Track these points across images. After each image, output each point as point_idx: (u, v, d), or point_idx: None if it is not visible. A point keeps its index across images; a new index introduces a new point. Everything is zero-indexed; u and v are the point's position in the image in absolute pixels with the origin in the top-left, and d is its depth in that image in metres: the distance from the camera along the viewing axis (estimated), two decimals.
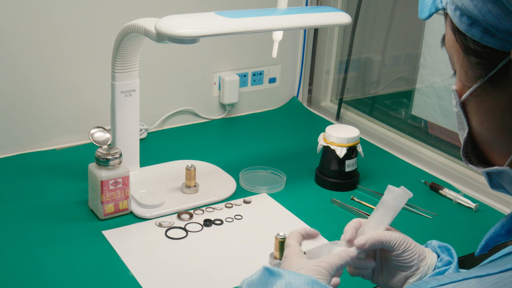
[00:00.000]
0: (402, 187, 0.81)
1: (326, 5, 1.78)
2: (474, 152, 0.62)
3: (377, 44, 1.84)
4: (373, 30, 1.82)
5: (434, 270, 0.81)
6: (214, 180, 1.35)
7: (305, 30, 1.82)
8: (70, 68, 1.46)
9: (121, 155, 1.17)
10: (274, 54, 1.32)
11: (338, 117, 1.82)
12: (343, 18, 1.19)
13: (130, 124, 1.26)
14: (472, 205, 1.31)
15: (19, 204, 1.23)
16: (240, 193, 1.32)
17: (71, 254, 1.08)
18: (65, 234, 1.14)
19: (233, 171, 1.39)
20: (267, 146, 1.58)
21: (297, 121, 1.78)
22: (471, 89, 0.57)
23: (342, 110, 1.82)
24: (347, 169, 1.35)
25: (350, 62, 1.80)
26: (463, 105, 0.59)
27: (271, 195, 1.31)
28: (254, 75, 1.78)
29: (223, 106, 1.75)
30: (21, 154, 1.45)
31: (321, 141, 1.37)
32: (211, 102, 1.73)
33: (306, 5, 1.77)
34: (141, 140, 1.47)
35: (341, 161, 1.34)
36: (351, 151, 1.34)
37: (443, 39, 0.61)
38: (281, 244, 1.04)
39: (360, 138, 1.38)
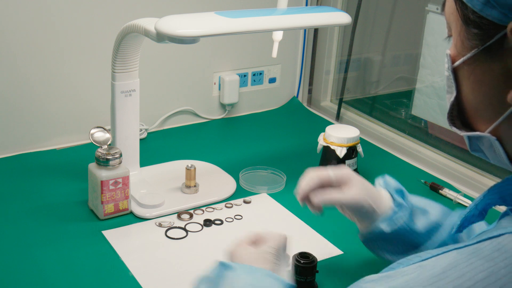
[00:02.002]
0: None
1: (326, 5, 1.78)
2: (459, 117, 0.65)
3: (377, 44, 1.84)
4: (373, 30, 1.82)
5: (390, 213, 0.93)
6: (214, 180, 1.35)
7: (305, 30, 1.82)
8: (70, 68, 1.47)
9: (121, 155, 1.17)
10: (274, 54, 1.32)
11: (338, 117, 1.82)
12: (343, 18, 1.19)
13: (130, 124, 1.26)
14: None
15: (19, 204, 1.23)
16: (240, 193, 1.32)
17: (71, 254, 1.08)
18: (65, 234, 1.14)
19: (233, 171, 1.39)
20: (267, 146, 1.58)
21: (297, 121, 1.78)
22: (464, 57, 0.59)
23: (342, 110, 1.82)
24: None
25: (350, 62, 1.81)
26: (455, 71, 0.62)
27: (271, 195, 1.31)
28: (254, 75, 1.78)
29: (223, 106, 1.75)
30: (21, 154, 1.45)
31: (321, 141, 1.37)
32: (211, 102, 1.73)
33: (306, 5, 1.77)
34: (141, 140, 1.47)
35: (341, 161, 1.34)
36: (351, 151, 1.34)
37: (444, 4, 0.63)
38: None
39: (360, 138, 1.38)
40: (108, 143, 1.18)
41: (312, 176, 0.95)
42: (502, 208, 0.64)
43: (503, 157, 0.61)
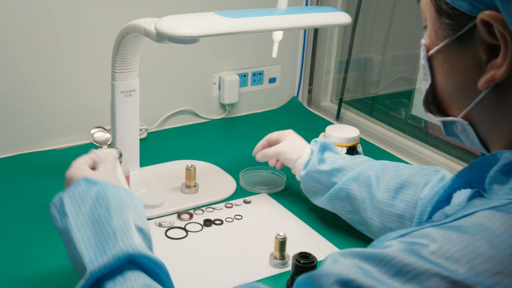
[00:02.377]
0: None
1: (326, 5, 1.78)
2: (434, 103, 0.68)
3: (377, 44, 1.84)
4: (373, 30, 1.82)
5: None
6: (214, 180, 1.35)
7: (305, 30, 1.82)
8: (70, 68, 1.47)
9: (121, 155, 1.16)
10: (274, 54, 1.32)
11: (338, 117, 1.82)
12: (343, 18, 1.19)
13: (130, 124, 1.26)
14: None
15: (19, 204, 1.23)
16: (240, 193, 1.32)
17: None
18: None
19: (233, 171, 1.39)
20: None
21: (297, 121, 1.78)
22: (438, 46, 0.63)
23: (342, 110, 1.82)
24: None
25: (350, 62, 1.81)
26: (430, 59, 0.65)
27: (271, 195, 1.31)
28: (254, 75, 1.78)
29: (223, 106, 1.75)
30: (21, 154, 1.45)
31: None
32: (211, 102, 1.73)
33: (306, 5, 1.77)
34: (141, 140, 1.47)
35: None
36: (351, 151, 1.34)
37: None
38: (281, 244, 1.04)
39: (360, 138, 1.38)
40: (108, 143, 1.17)
41: (262, 140, 1.28)
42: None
43: (475, 140, 0.64)
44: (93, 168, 0.90)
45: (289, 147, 1.21)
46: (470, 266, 0.49)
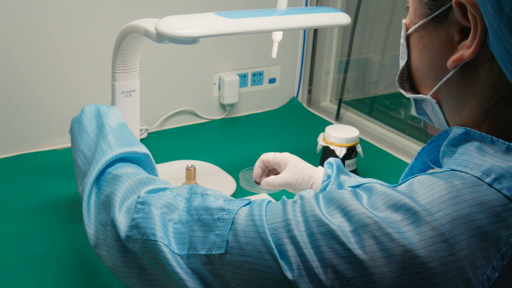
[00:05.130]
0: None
1: (325, 6, 1.79)
2: (408, 80, 0.72)
3: (376, 45, 1.84)
4: (373, 31, 1.83)
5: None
6: (214, 180, 1.35)
7: (304, 31, 1.82)
8: (70, 68, 1.47)
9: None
10: (274, 54, 1.32)
11: (337, 117, 1.82)
12: (343, 18, 1.20)
13: (130, 124, 1.26)
14: None
15: (19, 204, 1.23)
16: (240, 193, 1.32)
17: (71, 254, 1.08)
18: (66, 234, 1.14)
19: (233, 171, 1.39)
20: (267, 146, 1.58)
21: (297, 121, 1.79)
22: (416, 25, 0.66)
23: (341, 110, 1.82)
24: (346, 169, 1.35)
25: (350, 63, 1.81)
26: (408, 38, 0.69)
27: (271, 195, 1.31)
28: (254, 75, 1.78)
29: (223, 106, 1.75)
30: (21, 154, 1.45)
31: (321, 141, 1.37)
32: (211, 102, 1.73)
33: (306, 5, 1.77)
34: (141, 140, 1.48)
35: (341, 161, 1.34)
36: (351, 151, 1.35)
37: None
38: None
39: (360, 138, 1.39)
40: None
41: (258, 162, 1.13)
42: None
43: (442, 119, 0.68)
44: None
45: (297, 177, 1.09)
46: (389, 212, 0.56)
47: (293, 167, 1.09)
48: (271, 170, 1.14)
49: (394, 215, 0.55)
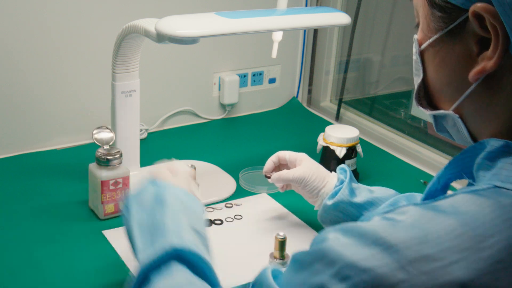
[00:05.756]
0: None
1: (325, 6, 1.79)
2: (425, 97, 0.69)
3: (376, 45, 1.84)
4: (373, 31, 1.83)
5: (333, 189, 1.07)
6: (214, 180, 1.35)
7: (304, 31, 1.82)
8: (70, 68, 1.47)
9: (121, 155, 1.17)
10: (274, 54, 1.32)
11: (337, 117, 1.82)
12: (343, 18, 1.20)
13: (130, 124, 1.26)
14: None
15: (19, 204, 1.23)
16: (240, 193, 1.32)
17: (71, 254, 1.08)
18: (66, 234, 1.14)
19: (233, 171, 1.39)
20: (267, 146, 1.58)
21: (297, 121, 1.79)
22: (430, 40, 0.64)
23: (341, 110, 1.82)
24: None
25: (350, 63, 1.81)
26: (422, 54, 0.66)
27: (271, 195, 1.31)
28: (254, 75, 1.78)
29: (223, 106, 1.75)
30: (21, 154, 1.45)
31: (321, 141, 1.37)
32: (211, 102, 1.73)
33: (306, 5, 1.77)
34: (141, 140, 1.48)
35: (341, 161, 1.34)
36: (351, 151, 1.35)
37: None
38: (281, 244, 1.05)
39: (360, 138, 1.39)
40: (111, 143, 1.18)
41: (273, 157, 1.16)
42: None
43: (465, 134, 0.65)
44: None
45: (312, 173, 1.10)
46: (440, 241, 0.52)
47: (309, 164, 1.12)
48: (279, 168, 1.17)
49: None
